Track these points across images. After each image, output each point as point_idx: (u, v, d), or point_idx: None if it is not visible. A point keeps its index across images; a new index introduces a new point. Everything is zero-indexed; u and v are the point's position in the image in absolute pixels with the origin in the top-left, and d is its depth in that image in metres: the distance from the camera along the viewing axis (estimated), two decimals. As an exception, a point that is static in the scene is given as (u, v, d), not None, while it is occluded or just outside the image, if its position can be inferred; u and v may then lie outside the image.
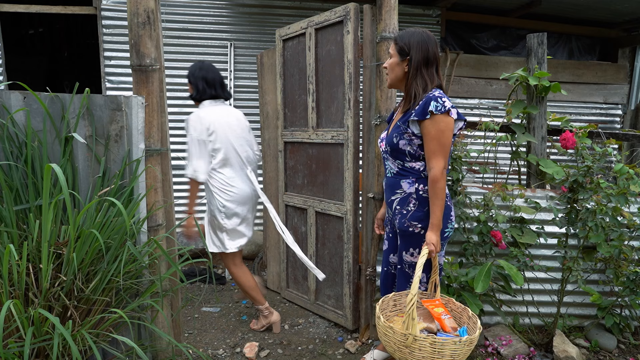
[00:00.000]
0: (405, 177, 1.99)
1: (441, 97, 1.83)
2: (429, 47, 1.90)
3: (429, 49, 1.90)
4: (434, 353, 1.62)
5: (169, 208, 2.24)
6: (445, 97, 1.85)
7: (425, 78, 1.90)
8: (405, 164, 1.98)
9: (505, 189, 2.53)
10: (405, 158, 1.97)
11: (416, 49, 1.90)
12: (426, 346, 1.62)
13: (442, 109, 1.81)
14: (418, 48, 1.89)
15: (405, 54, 1.92)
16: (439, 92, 1.86)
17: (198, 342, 2.66)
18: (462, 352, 1.64)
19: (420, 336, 1.63)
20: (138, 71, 2.05)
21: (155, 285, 1.96)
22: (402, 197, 2.00)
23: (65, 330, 1.43)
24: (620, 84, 5.31)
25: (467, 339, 1.64)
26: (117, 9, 4.01)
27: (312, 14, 4.11)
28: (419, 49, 1.89)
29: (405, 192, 1.99)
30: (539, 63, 2.77)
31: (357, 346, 2.59)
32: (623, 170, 2.36)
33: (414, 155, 1.95)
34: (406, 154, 1.96)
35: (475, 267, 2.28)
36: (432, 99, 1.83)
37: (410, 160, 1.96)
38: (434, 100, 1.82)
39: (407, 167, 1.98)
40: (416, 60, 1.90)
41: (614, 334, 2.61)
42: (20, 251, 1.60)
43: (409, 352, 1.65)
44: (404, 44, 1.92)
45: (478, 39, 5.10)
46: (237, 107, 4.33)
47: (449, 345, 1.61)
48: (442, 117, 1.81)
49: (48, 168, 1.52)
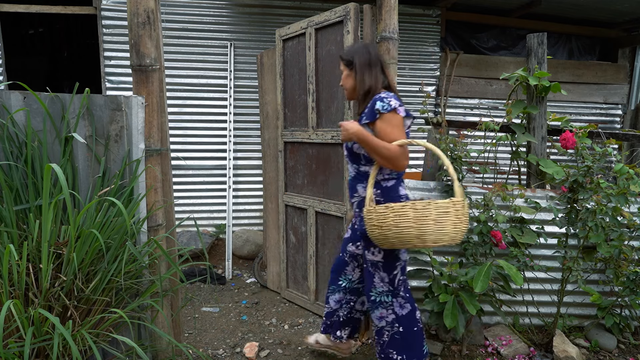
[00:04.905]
0: (360, 182, 2.05)
1: (387, 97, 1.90)
2: (370, 51, 2.02)
3: (369, 52, 2.01)
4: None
5: (169, 208, 2.24)
6: (391, 96, 1.91)
7: (370, 79, 1.98)
8: (360, 168, 2.04)
9: (505, 189, 2.53)
10: (360, 162, 2.03)
11: (358, 56, 2.01)
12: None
13: (388, 107, 1.88)
14: (359, 55, 2.01)
15: (350, 64, 2.03)
16: (385, 93, 1.93)
17: (198, 342, 2.66)
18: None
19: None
20: (138, 71, 2.05)
21: (155, 285, 1.96)
22: (359, 201, 2.07)
23: (65, 330, 1.43)
24: (620, 84, 5.31)
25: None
26: (117, 9, 4.01)
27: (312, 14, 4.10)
28: (360, 55, 2.01)
29: (361, 196, 2.05)
30: (539, 63, 2.77)
31: (357, 346, 2.59)
32: (623, 170, 2.36)
33: (368, 159, 1.99)
34: (361, 157, 2.01)
35: (475, 267, 2.28)
36: (377, 100, 1.91)
37: (364, 164, 2.02)
38: (379, 100, 1.90)
39: (362, 171, 2.04)
40: (359, 65, 2.00)
41: (614, 334, 2.61)
42: (20, 251, 1.60)
43: (465, 220, 1.76)
44: (348, 57, 2.04)
45: (478, 39, 5.09)
46: (237, 107, 4.34)
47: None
48: (389, 115, 1.88)
49: (48, 168, 1.52)
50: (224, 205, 4.29)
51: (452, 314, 2.22)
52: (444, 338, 2.65)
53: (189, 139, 4.27)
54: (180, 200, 4.27)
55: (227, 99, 4.27)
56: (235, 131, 4.31)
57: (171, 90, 4.19)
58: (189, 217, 4.03)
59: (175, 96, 4.22)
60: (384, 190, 1.98)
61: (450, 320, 2.21)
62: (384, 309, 2.05)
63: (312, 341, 2.47)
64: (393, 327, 2.05)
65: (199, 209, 4.33)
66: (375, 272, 2.04)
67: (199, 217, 4.30)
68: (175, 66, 4.20)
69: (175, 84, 4.21)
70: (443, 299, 2.25)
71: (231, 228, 4.06)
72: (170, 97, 4.18)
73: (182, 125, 4.26)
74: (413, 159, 4.87)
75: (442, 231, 1.71)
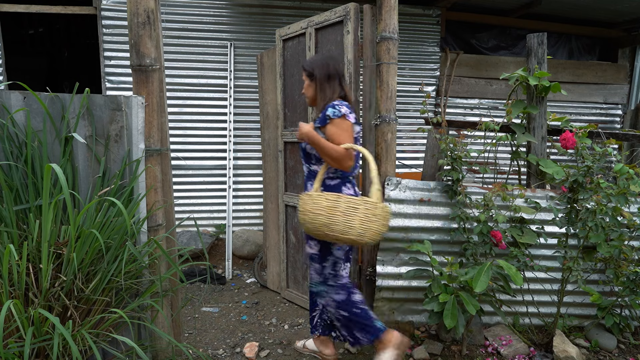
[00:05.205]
0: (311, 180, 2.23)
1: (338, 104, 2.11)
2: (329, 65, 2.21)
3: (329, 66, 2.20)
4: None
5: (169, 208, 2.24)
6: (343, 104, 2.12)
7: (328, 90, 2.19)
8: (311, 167, 2.24)
9: (505, 189, 2.53)
10: (311, 161, 2.22)
11: (318, 68, 2.21)
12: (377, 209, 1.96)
13: (338, 113, 2.08)
14: (320, 68, 2.20)
15: (312, 75, 2.22)
16: (338, 102, 2.14)
17: (198, 342, 2.66)
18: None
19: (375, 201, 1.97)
20: (138, 71, 2.05)
21: (155, 285, 1.96)
22: None
23: (65, 330, 1.43)
24: (620, 84, 5.31)
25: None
26: (117, 9, 4.01)
27: (312, 14, 4.11)
28: (320, 68, 2.20)
29: None
30: (539, 63, 2.77)
31: (357, 346, 2.59)
32: (623, 170, 2.36)
33: (318, 159, 2.18)
34: (312, 157, 2.20)
35: (475, 267, 2.28)
36: (329, 107, 2.11)
37: (314, 163, 2.21)
38: (331, 107, 2.11)
39: (312, 170, 2.24)
40: (319, 77, 2.20)
41: (614, 334, 2.61)
42: (20, 251, 1.60)
43: (375, 220, 1.95)
44: (310, 68, 2.23)
45: (478, 39, 5.10)
46: (237, 107, 4.34)
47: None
48: (339, 120, 2.08)
49: (48, 168, 1.52)
50: (224, 205, 4.29)
51: (452, 314, 2.22)
52: (444, 338, 2.65)
53: (189, 139, 4.27)
54: (180, 200, 4.27)
55: (227, 99, 4.27)
56: (235, 131, 4.31)
57: (171, 90, 4.19)
58: (189, 217, 4.03)
59: (175, 96, 4.22)
60: (326, 188, 2.16)
61: (450, 320, 2.21)
62: (323, 298, 2.25)
63: (300, 345, 2.56)
64: (339, 312, 2.21)
65: (199, 209, 4.33)
66: (312, 264, 2.25)
67: (199, 217, 4.30)
68: (175, 66, 4.20)
69: (175, 84, 4.21)
70: (443, 299, 2.25)
71: (231, 228, 4.06)
72: (170, 97, 4.18)
73: (182, 125, 4.26)
74: (413, 159, 4.87)
75: (348, 224, 1.92)
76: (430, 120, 2.77)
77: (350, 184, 2.21)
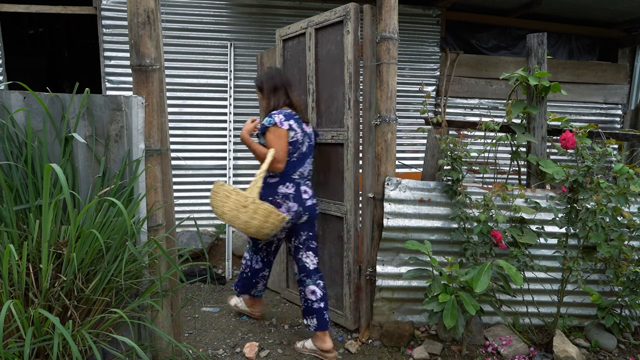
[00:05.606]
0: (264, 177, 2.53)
1: (276, 114, 2.44)
2: (275, 78, 2.57)
3: (274, 79, 2.56)
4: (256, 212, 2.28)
5: (169, 208, 2.24)
6: (280, 113, 2.44)
7: (273, 101, 2.54)
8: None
9: (505, 189, 2.53)
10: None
11: (265, 82, 2.57)
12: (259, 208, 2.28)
13: (272, 122, 2.41)
14: (266, 82, 2.57)
15: (261, 89, 2.59)
16: (277, 111, 2.47)
17: (198, 342, 2.66)
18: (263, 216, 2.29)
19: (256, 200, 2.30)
20: (138, 71, 2.05)
21: (155, 285, 1.96)
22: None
23: (65, 330, 1.43)
24: (620, 84, 5.31)
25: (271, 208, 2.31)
26: (117, 9, 4.01)
27: (312, 14, 4.10)
28: (267, 82, 2.57)
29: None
30: (539, 63, 2.77)
31: (357, 346, 2.59)
32: (623, 170, 2.36)
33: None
34: None
35: (475, 267, 2.28)
36: (268, 116, 2.46)
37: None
38: (268, 116, 2.45)
39: None
40: (266, 91, 2.56)
41: (614, 334, 2.61)
42: (20, 251, 1.60)
43: (244, 211, 2.28)
44: (259, 83, 2.61)
45: (478, 39, 5.09)
46: (237, 107, 4.34)
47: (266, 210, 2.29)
48: (273, 128, 2.41)
49: (48, 168, 1.52)
50: (224, 205, 4.28)
51: (452, 314, 2.21)
52: (444, 338, 2.65)
53: (189, 139, 4.27)
54: (180, 200, 4.26)
55: (227, 99, 4.27)
56: (235, 131, 4.30)
57: (171, 90, 4.19)
58: (189, 217, 4.03)
59: (175, 96, 4.22)
60: (265, 185, 2.45)
61: (449, 320, 2.20)
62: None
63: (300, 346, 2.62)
64: (245, 268, 2.79)
65: (199, 209, 4.32)
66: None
67: (199, 217, 4.30)
68: (175, 66, 4.20)
69: (175, 84, 4.21)
70: (443, 299, 2.25)
71: (231, 228, 4.06)
72: (170, 97, 4.18)
73: (182, 125, 4.26)
74: (413, 159, 4.87)
75: (221, 209, 2.35)
76: (430, 120, 2.77)
77: (291, 183, 2.49)
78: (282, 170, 2.44)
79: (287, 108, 2.53)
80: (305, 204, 2.52)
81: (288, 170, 2.47)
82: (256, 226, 2.30)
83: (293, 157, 2.48)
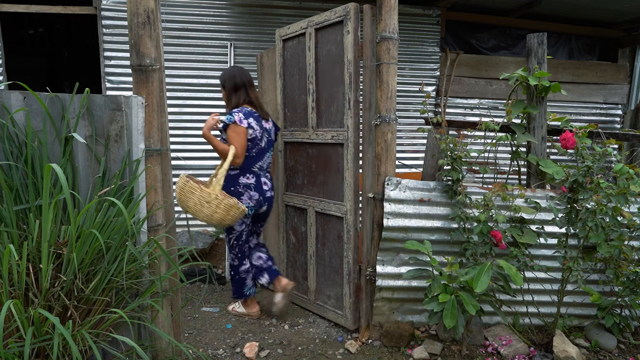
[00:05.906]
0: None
1: (236, 112, 2.62)
2: (235, 77, 2.72)
3: (235, 77, 2.72)
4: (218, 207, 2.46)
5: (169, 208, 2.24)
6: (240, 112, 2.62)
7: (234, 98, 2.73)
8: None
9: (505, 189, 2.53)
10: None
11: (227, 81, 2.74)
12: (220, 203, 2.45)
13: (231, 119, 2.59)
14: (228, 80, 2.74)
15: (224, 87, 2.77)
16: (237, 109, 2.65)
17: (198, 342, 2.66)
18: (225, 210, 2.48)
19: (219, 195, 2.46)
20: (138, 71, 2.05)
21: (155, 285, 1.96)
22: None
23: (65, 330, 1.43)
24: (620, 84, 5.31)
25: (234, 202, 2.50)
26: (117, 9, 4.01)
27: (312, 14, 4.11)
28: (228, 80, 2.73)
29: None
30: (539, 63, 2.77)
31: (357, 346, 2.59)
32: (623, 170, 2.36)
33: None
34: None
35: (475, 267, 2.28)
36: (228, 114, 2.63)
37: None
38: (229, 114, 2.62)
39: None
40: (228, 88, 2.74)
41: (614, 334, 2.61)
42: (20, 251, 1.60)
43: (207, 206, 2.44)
44: (222, 81, 2.77)
45: (478, 39, 5.09)
46: (237, 107, 4.33)
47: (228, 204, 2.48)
48: (232, 125, 2.60)
49: (48, 168, 1.52)
50: (224, 205, 4.28)
51: (452, 314, 2.21)
52: (444, 338, 2.65)
53: (189, 139, 4.27)
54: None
55: (227, 99, 4.27)
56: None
57: (171, 90, 4.19)
58: (189, 217, 4.02)
59: (175, 96, 4.22)
60: (227, 177, 2.66)
61: (449, 320, 2.20)
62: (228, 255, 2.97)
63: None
64: (231, 270, 2.91)
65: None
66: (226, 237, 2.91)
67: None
68: (175, 66, 4.20)
69: (175, 84, 4.21)
70: (443, 299, 2.25)
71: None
72: (170, 97, 4.18)
73: (182, 125, 4.26)
74: (413, 159, 4.87)
75: (186, 203, 2.48)
76: (430, 120, 2.77)
77: (251, 174, 2.72)
78: (242, 164, 2.66)
79: (247, 106, 2.72)
80: (265, 194, 2.78)
81: (248, 163, 2.70)
82: (219, 219, 2.49)
83: (252, 152, 2.70)
